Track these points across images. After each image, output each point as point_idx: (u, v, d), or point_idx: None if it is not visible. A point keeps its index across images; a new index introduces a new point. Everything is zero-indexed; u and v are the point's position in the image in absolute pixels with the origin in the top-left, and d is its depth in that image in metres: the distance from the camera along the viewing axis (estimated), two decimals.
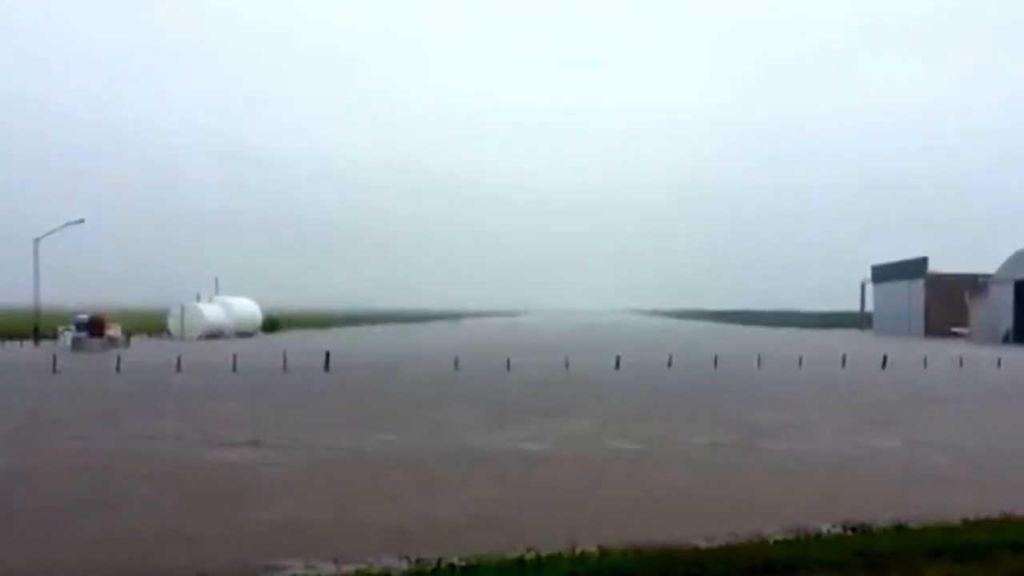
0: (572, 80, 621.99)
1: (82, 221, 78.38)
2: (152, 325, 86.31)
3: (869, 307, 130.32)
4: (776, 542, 11.86)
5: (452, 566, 10.64)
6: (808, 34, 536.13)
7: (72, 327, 65.87)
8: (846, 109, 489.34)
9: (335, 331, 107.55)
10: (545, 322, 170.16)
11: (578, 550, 11.33)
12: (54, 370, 41.48)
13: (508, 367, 44.86)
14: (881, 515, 13.28)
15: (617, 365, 46.28)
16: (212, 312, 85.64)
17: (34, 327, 71.42)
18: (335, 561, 11.17)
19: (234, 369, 42.56)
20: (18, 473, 17.24)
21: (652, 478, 17.17)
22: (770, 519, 13.33)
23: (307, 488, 15.95)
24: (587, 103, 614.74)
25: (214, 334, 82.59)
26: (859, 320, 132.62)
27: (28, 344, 67.63)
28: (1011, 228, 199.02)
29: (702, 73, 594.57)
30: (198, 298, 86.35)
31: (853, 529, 12.63)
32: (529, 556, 11.07)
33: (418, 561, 10.96)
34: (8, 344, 64.69)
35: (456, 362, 46.24)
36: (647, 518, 13.81)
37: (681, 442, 21.54)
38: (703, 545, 11.76)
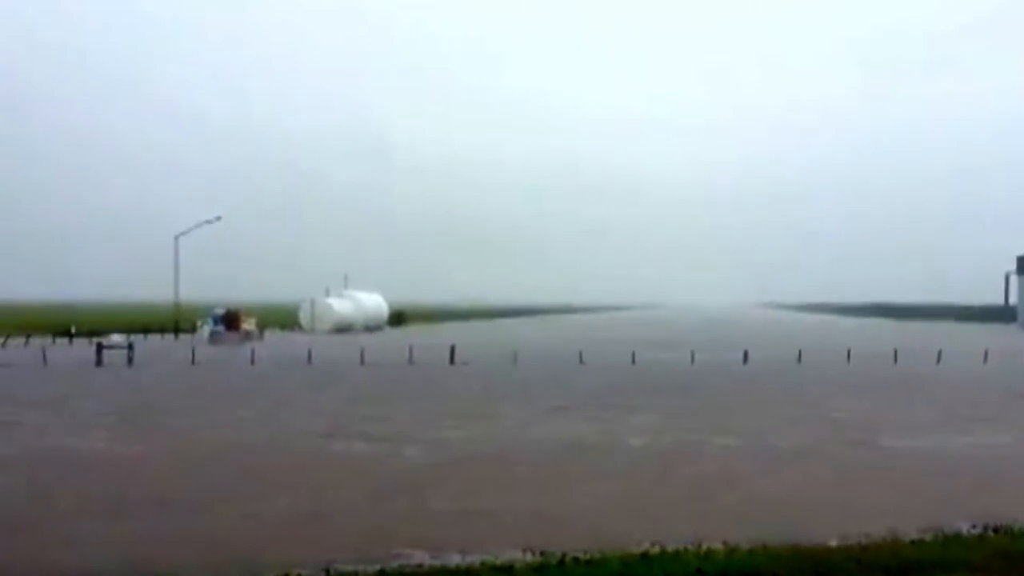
0: (703, 72, 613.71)
1: (219, 219, 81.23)
2: (284, 319, 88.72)
3: (1013, 300, 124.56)
4: (912, 542, 11.46)
5: (576, 559, 10.61)
6: (934, 22, 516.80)
7: (209, 321, 68.32)
8: (983, 94, 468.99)
9: (461, 325, 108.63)
10: (673, 316, 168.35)
11: (704, 546, 11.16)
12: (193, 362, 43.07)
13: (633, 361, 44.57)
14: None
15: (745, 359, 45.48)
16: (341, 306, 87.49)
17: (174, 321, 74.33)
18: (460, 552, 11.28)
19: (362, 362, 43.43)
20: (182, 464, 17.96)
21: (767, 476, 16.80)
22: (900, 518, 12.89)
23: (432, 479, 16.16)
24: (718, 94, 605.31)
25: (343, 328, 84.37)
26: (1003, 314, 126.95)
27: (169, 337, 70.40)
28: None
29: (830, 64, 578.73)
30: (328, 293, 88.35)
31: (995, 530, 12.09)
32: (654, 551, 10.96)
33: (543, 554, 10.96)
34: (150, 337, 67.43)
35: (580, 356, 46.16)
36: (771, 516, 13.51)
37: (811, 439, 21.02)
38: (834, 543, 11.44)
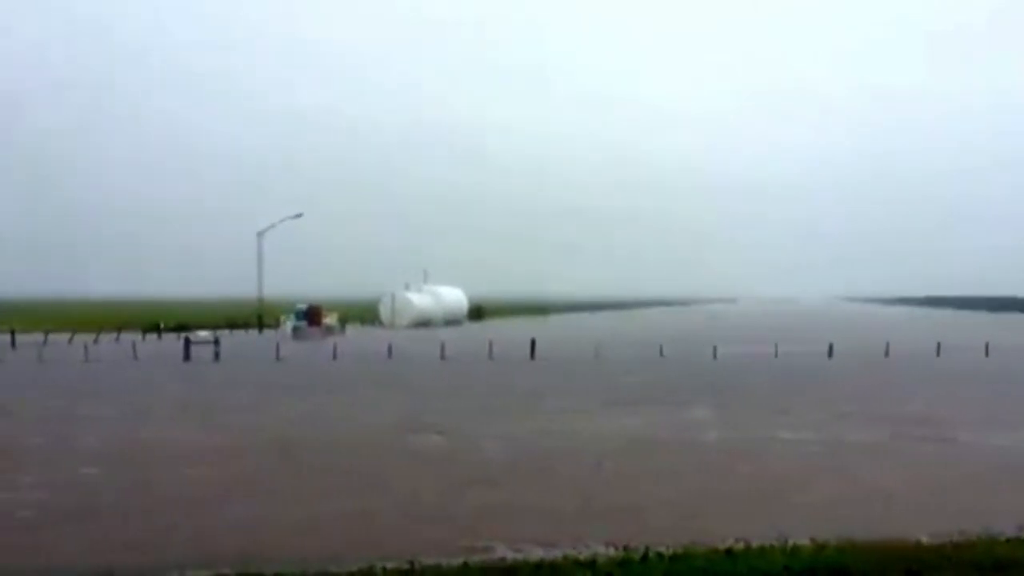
0: (773, 59, 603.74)
1: (300, 216, 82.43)
2: (365, 314, 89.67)
3: None
4: (1008, 540, 11.12)
5: (660, 555, 10.52)
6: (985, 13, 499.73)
7: (292, 316, 69.41)
8: None
9: (542, 320, 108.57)
10: (757, 310, 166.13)
11: (791, 543, 10.97)
12: (277, 357, 43.79)
13: (715, 355, 44.11)
14: None
15: (830, 353, 44.69)
16: (421, 301, 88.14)
17: (258, 316, 75.67)
18: (543, 546, 11.27)
19: (442, 357, 43.69)
20: (272, 456, 18.29)
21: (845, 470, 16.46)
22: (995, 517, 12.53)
23: (514, 473, 16.18)
24: (790, 81, 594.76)
25: (423, 322, 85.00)
26: None
27: (253, 332, 71.70)
28: None
29: (900, 49, 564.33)
30: (408, 288, 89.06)
31: None
32: (738, 547, 10.82)
33: (625, 548, 10.89)
34: (235, 332, 68.75)
35: (661, 349, 45.80)
36: (860, 512, 13.24)
37: (886, 435, 20.56)
38: (925, 541, 11.16)
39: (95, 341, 55.44)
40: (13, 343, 52.04)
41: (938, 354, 45.16)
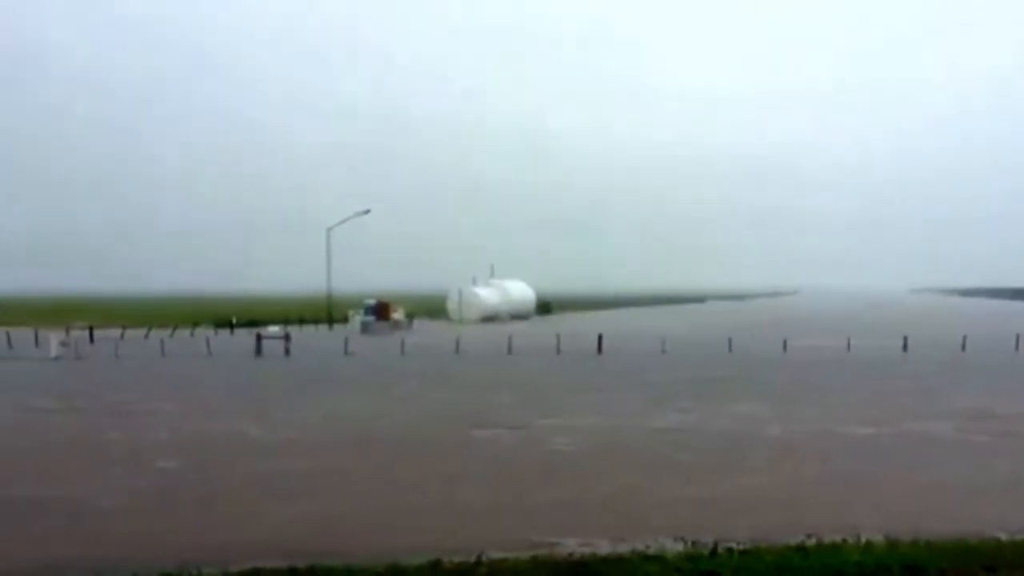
0: (856, 52, 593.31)
1: (368, 212, 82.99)
2: (433, 309, 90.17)
3: None
4: None
5: (730, 550, 10.41)
6: None
7: (361, 311, 70.01)
8: None
9: (610, 314, 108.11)
10: (822, 302, 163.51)
11: (864, 539, 10.78)
12: (346, 352, 44.24)
13: (784, 349, 43.55)
14: None
15: (904, 347, 43.84)
16: (488, 296, 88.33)
17: (327, 312, 76.50)
18: (611, 540, 11.22)
19: (509, 351, 43.76)
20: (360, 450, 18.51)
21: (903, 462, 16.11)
22: None
23: (582, 468, 16.14)
24: (873, 73, 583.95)
25: (490, 317, 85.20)
26: None
27: (322, 327, 72.49)
28: None
29: (998, 35, 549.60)
30: (475, 282, 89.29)
31: None
32: (811, 543, 10.66)
33: (694, 543, 10.80)
34: (305, 328, 69.57)
35: (729, 344, 45.34)
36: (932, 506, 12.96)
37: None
38: (1004, 538, 10.89)
39: (171, 336, 56.54)
40: (91, 338, 53.31)
41: (1017, 348, 44.03)
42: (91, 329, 56.52)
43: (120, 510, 13.17)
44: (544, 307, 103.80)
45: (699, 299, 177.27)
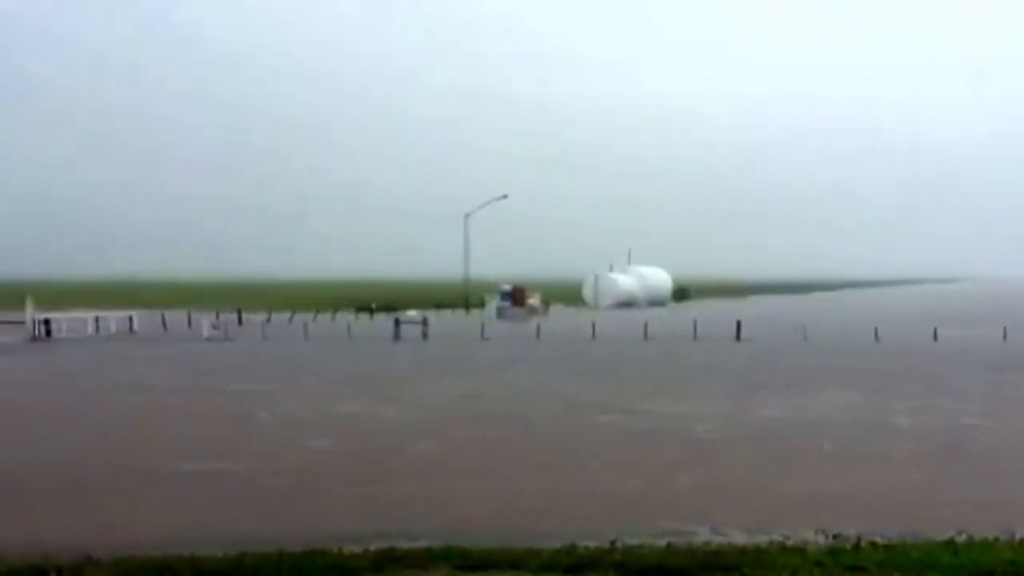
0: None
1: (505, 197, 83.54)
2: (568, 295, 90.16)
3: None
4: None
5: (873, 544, 10.03)
6: None
7: (497, 297, 70.56)
8: None
9: (749, 300, 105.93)
10: (985, 291, 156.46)
11: (1019, 536, 10.24)
12: (482, 337, 44.65)
13: (935, 338, 41.89)
14: None
15: None
16: (624, 282, 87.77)
17: (464, 297, 77.40)
18: (748, 531, 10.97)
19: (645, 338, 43.40)
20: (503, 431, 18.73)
21: None
22: None
23: (721, 457, 15.87)
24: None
25: (626, 303, 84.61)
26: None
27: (459, 312, 73.37)
28: None
29: None
30: (611, 268, 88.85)
31: None
32: (960, 539, 10.18)
33: (835, 537, 10.47)
34: (442, 313, 70.54)
35: (876, 333, 43.85)
36: None
37: None
38: None
39: (313, 320, 58.16)
40: (240, 321, 55.31)
41: None
42: (240, 312, 58.61)
43: (289, 487, 13.57)
44: (681, 293, 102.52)
45: (850, 285, 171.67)
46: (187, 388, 25.50)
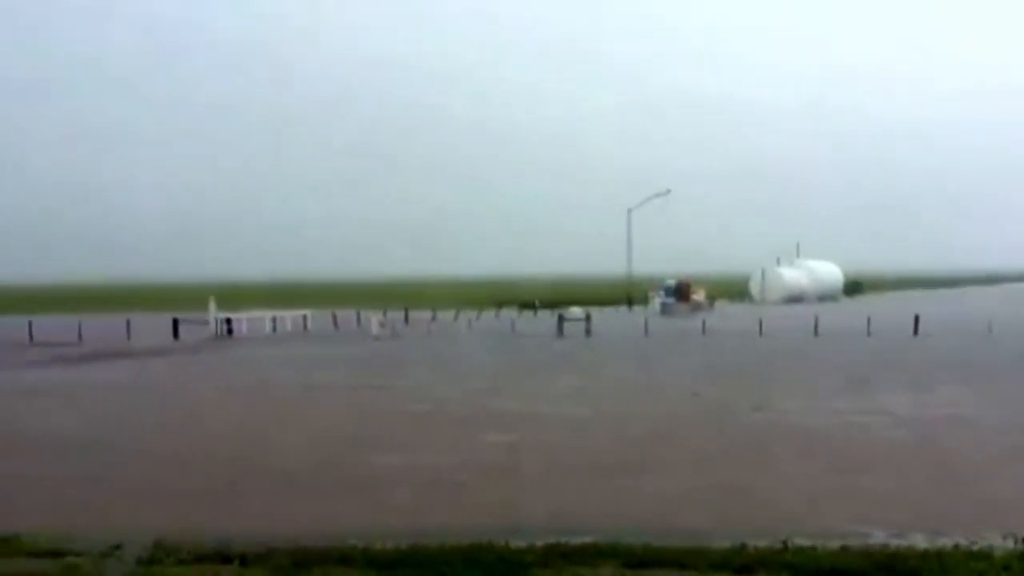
0: None
1: (669, 192, 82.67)
2: (734, 290, 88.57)
3: None
4: None
5: None
6: None
7: (661, 292, 69.93)
8: None
9: (926, 294, 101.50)
10: None
11: None
12: (646, 333, 44.32)
13: None
14: None
15: None
16: (792, 276, 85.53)
17: (627, 294, 77.01)
18: (928, 533, 10.48)
19: (816, 333, 42.16)
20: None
21: None
22: None
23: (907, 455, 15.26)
24: None
25: (794, 298, 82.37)
26: None
27: (622, 309, 73.05)
28: None
29: None
30: (778, 262, 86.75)
31: None
32: None
33: (1022, 541, 9.89)
34: (605, 309, 70.36)
35: None
36: None
37: None
38: None
39: (477, 318, 59.04)
40: (407, 319, 56.68)
41: None
42: (407, 311, 60.08)
43: (472, 482, 13.78)
44: (853, 287, 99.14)
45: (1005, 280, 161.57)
46: (368, 387, 26.13)
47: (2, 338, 43.74)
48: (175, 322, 46.36)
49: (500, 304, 70.71)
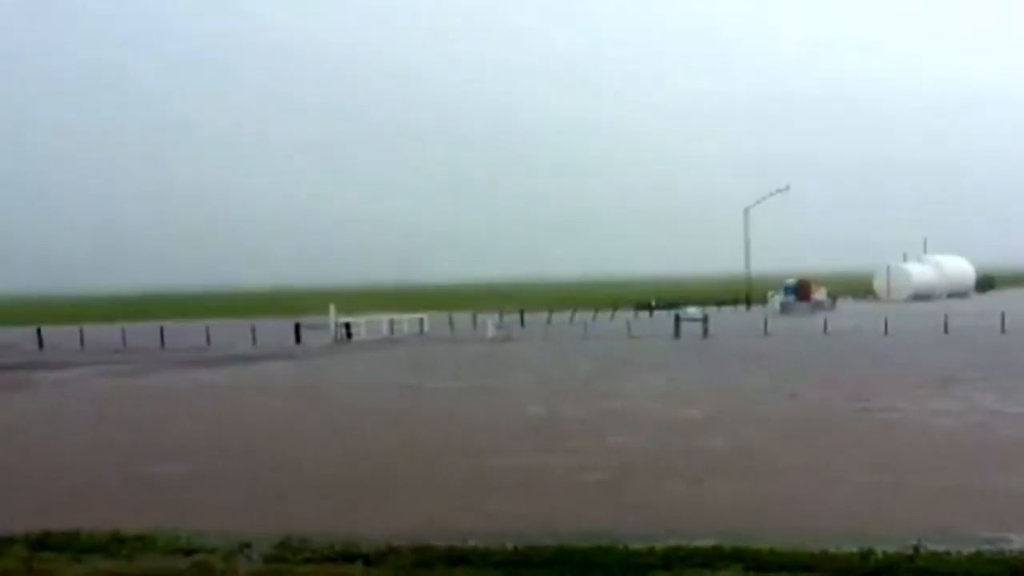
0: None
1: (787, 188, 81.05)
2: (857, 287, 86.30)
3: None
4: None
5: None
6: None
7: (780, 291, 68.61)
8: None
9: None
10: None
11: None
12: (765, 333, 43.48)
13: None
14: None
15: None
16: (920, 272, 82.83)
17: (745, 293, 75.77)
18: None
19: (945, 330, 40.73)
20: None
21: None
22: None
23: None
24: None
25: (922, 295, 79.72)
26: None
27: (740, 309, 71.91)
28: None
29: None
30: (905, 258, 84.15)
31: None
32: None
33: None
34: (722, 309, 69.34)
35: None
36: None
37: None
38: None
39: (593, 319, 58.89)
40: (522, 321, 56.92)
41: None
42: (522, 313, 60.33)
43: (609, 482, 13.73)
44: (985, 283, 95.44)
45: None
46: (484, 389, 26.34)
47: (135, 344, 45.56)
48: (297, 327, 47.54)
49: (615, 305, 70.39)
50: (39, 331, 50.26)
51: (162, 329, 48.52)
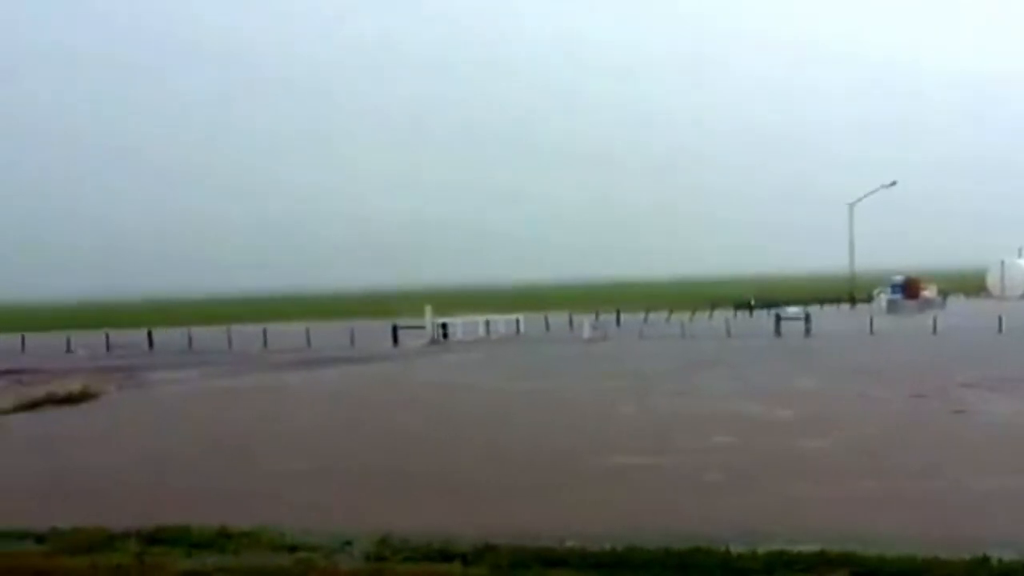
0: None
1: (894, 184, 78.74)
2: (969, 285, 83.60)
3: None
4: None
5: None
6: None
7: (887, 289, 66.87)
8: None
9: None
10: None
11: None
12: (871, 332, 42.38)
13: None
14: None
15: None
16: None
17: (849, 291, 73.98)
18: None
19: None
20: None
21: None
22: None
23: None
24: None
25: None
26: None
27: (844, 307, 70.26)
28: None
29: None
30: (1020, 254, 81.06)
31: None
32: None
33: None
34: (825, 308, 67.85)
35: None
36: None
37: None
38: None
39: (690, 318, 58.18)
40: (618, 321, 56.57)
41: None
42: (618, 313, 59.96)
43: (721, 483, 13.66)
44: None
45: None
46: (584, 389, 26.21)
47: (239, 345, 46.67)
48: (394, 329, 48.03)
49: (714, 304, 69.45)
50: (150, 333, 51.83)
51: (265, 331, 49.53)
